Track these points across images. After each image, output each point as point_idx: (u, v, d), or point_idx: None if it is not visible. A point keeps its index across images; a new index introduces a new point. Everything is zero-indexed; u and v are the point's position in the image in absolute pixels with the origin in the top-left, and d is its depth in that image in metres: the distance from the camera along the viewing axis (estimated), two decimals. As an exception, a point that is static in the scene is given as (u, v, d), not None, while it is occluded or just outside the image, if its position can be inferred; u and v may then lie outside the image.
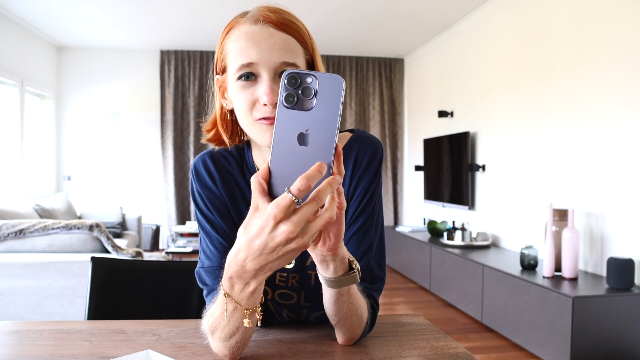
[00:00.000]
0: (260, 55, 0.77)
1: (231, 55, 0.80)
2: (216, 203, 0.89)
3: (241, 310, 0.69)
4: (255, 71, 0.78)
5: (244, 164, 0.92)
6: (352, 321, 0.80)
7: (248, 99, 0.78)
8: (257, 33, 0.77)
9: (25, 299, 2.46)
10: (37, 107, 5.61)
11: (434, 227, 4.61)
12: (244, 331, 0.74)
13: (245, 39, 0.78)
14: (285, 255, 0.60)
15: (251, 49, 0.77)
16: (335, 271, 0.70)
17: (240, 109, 0.80)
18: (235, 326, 0.71)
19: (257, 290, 0.66)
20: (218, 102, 0.88)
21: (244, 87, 0.78)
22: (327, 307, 0.79)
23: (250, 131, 0.81)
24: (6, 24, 4.64)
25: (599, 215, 2.89)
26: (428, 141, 5.20)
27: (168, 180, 6.04)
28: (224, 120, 0.89)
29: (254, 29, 0.78)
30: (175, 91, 6.01)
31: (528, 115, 3.61)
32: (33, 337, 0.87)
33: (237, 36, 0.79)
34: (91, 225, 2.69)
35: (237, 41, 0.79)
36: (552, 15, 3.34)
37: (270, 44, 0.77)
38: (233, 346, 0.75)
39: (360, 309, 0.80)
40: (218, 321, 0.72)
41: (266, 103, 0.76)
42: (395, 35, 5.37)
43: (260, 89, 0.77)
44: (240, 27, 0.79)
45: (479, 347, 2.97)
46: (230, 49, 0.80)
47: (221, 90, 0.86)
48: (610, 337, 2.45)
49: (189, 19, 4.82)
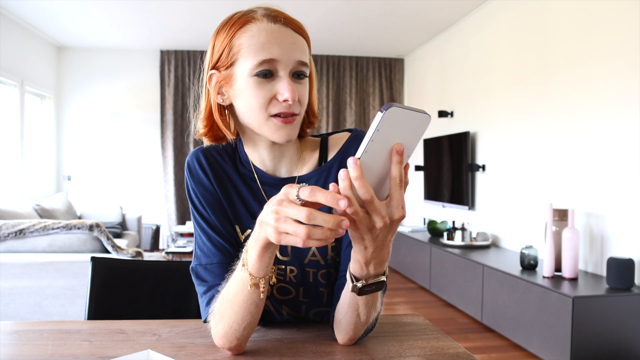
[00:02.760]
0: (282, 53, 0.78)
1: (246, 50, 0.79)
2: (210, 200, 0.89)
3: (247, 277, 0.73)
4: (273, 68, 0.79)
5: (236, 158, 0.93)
6: (357, 322, 0.81)
7: (265, 95, 0.79)
8: (277, 32, 0.79)
9: (25, 299, 2.46)
10: (37, 107, 5.61)
11: (434, 227, 4.61)
12: (254, 314, 0.77)
13: (266, 35, 0.79)
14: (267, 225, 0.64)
15: (273, 46, 0.78)
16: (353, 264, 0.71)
17: (254, 104, 0.80)
18: (243, 298, 0.75)
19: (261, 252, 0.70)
20: (213, 99, 0.86)
21: (260, 83, 0.79)
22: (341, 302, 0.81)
23: (261, 127, 0.82)
24: (6, 24, 4.65)
25: (599, 215, 2.89)
26: (428, 141, 5.20)
27: (168, 180, 6.05)
28: (222, 116, 0.89)
29: (274, 27, 0.79)
30: (175, 91, 6.01)
31: (528, 115, 3.61)
32: (33, 337, 0.87)
33: (256, 32, 0.79)
34: (91, 225, 2.69)
35: (256, 37, 0.79)
36: (552, 16, 3.34)
37: (290, 43, 0.79)
38: (242, 332, 0.78)
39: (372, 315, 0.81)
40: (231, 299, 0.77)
41: (287, 99, 0.78)
42: (395, 35, 5.37)
43: (282, 86, 0.79)
44: (258, 23, 0.80)
45: (479, 347, 2.97)
46: (247, 44, 0.79)
47: (218, 86, 0.85)
48: (610, 337, 2.45)
49: (189, 19, 4.82)
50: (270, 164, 0.90)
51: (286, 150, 0.90)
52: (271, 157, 0.89)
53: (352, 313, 0.79)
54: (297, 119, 0.83)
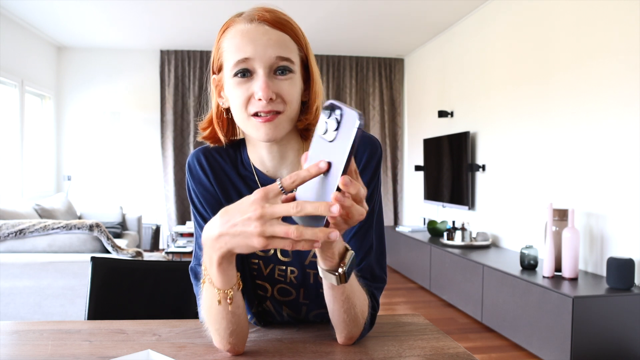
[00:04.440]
0: (256, 51, 0.78)
1: (227, 53, 0.81)
2: (210, 200, 0.90)
3: (214, 290, 0.71)
4: (250, 67, 0.79)
5: (238, 160, 0.93)
6: (345, 318, 0.80)
7: (243, 94, 0.80)
8: (252, 31, 0.79)
9: (25, 299, 2.46)
10: (37, 107, 5.61)
11: (434, 227, 4.61)
12: (234, 323, 0.75)
13: (240, 36, 0.80)
14: (241, 236, 0.60)
15: (246, 45, 0.79)
16: (324, 262, 0.71)
17: (236, 104, 0.82)
18: (216, 311, 0.74)
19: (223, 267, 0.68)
20: (214, 101, 0.89)
21: (239, 83, 0.80)
22: (326, 301, 0.80)
23: (245, 127, 0.83)
24: (6, 24, 4.64)
25: (599, 215, 2.89)
26: (428, 141, 5.20)
27: (168, 180, 6.04)
28: (220, 119, 0.90)
29: (249, 27, 0.80)
30: (175, 91, 6.01)
31: (528, 115, 3.61)
32: (33, 337, 0.87)
33: (233, 34, 0.81)
34: (91, 225, 2.69)
35: (233, 39, 0.80)
36: (552, 16, 3.34)
37: (265, 40, 0.79)
38: (229, 338, 0.77)
39: (357, 307, 0.80)
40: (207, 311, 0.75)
41: (261, 98, 0.78)
42: (395, 35, 5.37)
43: (256, 85, 0.79)
44: (236, 25, 0.81)
45: (479, 347, 2.97)
46: (226, 47, 0.82)
47: (217, 89, 0.88)
48: (610, 337, 2.45)
49: (189, 19, 4.82)
50: (271, 164, 0.90)
51: (287, 152, 0.89)
52: (270, 158, 0.89)
53: (339, 309, 0.79)
54: (281, 117, 0.81)
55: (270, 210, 0.58)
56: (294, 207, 0.57)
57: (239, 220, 0.60)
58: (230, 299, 0.72)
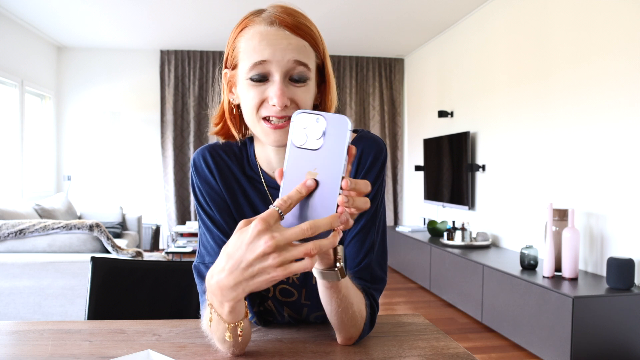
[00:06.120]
0: (274, 55, 0.77)
1: (243, 53, 0.80)
2: (215, 198, 0.89)
3: (223, 324, 0.69)
4: (266, 71, 0.78)
5: (244, 160, 0.92)
6: (343, 318, 0.80)
7: (257, 97, 0.79)
8: (272, 34, 0.78)
9: (25, 299, 2.46)
10: (37, 107, 5.61)
11: (434, 227, 4.61)
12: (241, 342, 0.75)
13: (259, 38, 0.78)
14: (260, 274, 0.58)
15: (264, 48, 0.77)
16: (321, 262, 0.70)
17: (248, 106, 0.81)
18: (221, 335, 0.72)
19: (234, 308, 0.66)
20: (225, 97, 0.88)
21: (254, 86, 0.79)
22: (323, 304, 0.80)
23: (255, 129, 0.83)
24: (6, 24, 4.64)
25: (599, 215, 2.89)
26: (428, 141, 5.20)
27: (168, 180, 6.04)
28: (232, 115, 0.89)
29: (269, 30, 0.78)
30: (175, 91, 6.01)
31: (528, 115, 3.61)
32: (33, 337, 0.87)
33: (251, 35, 0.79)
34: (91, 225, 2.69)
35: (251, 40, 0.79)
36: (552, 15, 3.34)
37: (284, 45, 0.77)
38: (234, 350, 0.77)
39: (354, 305, 0.79)
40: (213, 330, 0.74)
41: (275, 104, 0.77)
42: (395, 35, 5.37)
43: (272, 90, 0.78)
44: (255, 26, 0.80)
45: (479, 347, 2.97)
46: (243, 47, 0.80)
47: (229, 85, 0.87)
48: (610, 337, 2.45)
49: (189, 19, 4.82)
50: (277, 166, 0.89)
51: None
52: (277, 159, 0.89)
53: (336, 309, 0.78)
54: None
55: (282, 238, 0.56)
56: (309, 229, 0.56)
57: (251, 259, 0.57)
58: (241, 331, 0.70)
